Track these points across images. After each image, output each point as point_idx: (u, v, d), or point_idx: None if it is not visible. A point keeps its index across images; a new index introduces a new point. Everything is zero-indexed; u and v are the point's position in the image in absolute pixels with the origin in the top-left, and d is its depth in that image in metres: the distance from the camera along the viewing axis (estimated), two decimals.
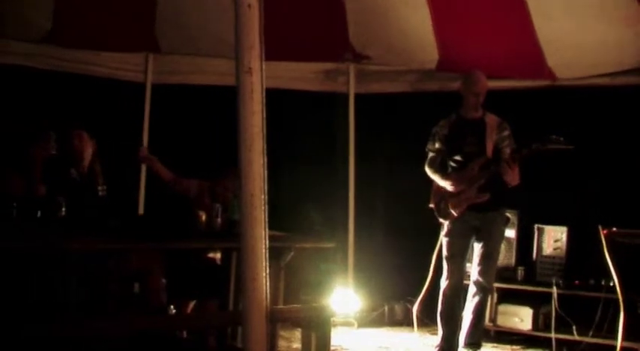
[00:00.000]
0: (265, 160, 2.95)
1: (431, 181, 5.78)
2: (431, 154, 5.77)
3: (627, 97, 6.43)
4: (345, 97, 7.48)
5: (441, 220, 5.72)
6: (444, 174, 5.68)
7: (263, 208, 2.94)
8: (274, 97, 3.19)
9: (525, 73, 6.76)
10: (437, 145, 5.73)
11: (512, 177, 5.43)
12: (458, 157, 5.63)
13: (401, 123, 7.33)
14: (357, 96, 7.49)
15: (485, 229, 5.62)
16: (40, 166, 5.22)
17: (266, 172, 2.95)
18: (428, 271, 6.20)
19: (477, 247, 5.66)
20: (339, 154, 7.44)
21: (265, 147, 2.96)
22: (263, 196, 2.94)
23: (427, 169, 5.76)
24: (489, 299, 6.19)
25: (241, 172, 2.96)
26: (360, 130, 7.47)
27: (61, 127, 5.79)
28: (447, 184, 5.62)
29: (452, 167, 5.68)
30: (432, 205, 5.77)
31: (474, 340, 5.67)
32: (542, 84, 6.73)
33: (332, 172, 7.45)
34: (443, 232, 5.75)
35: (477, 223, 5.60)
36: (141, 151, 5.95)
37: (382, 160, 7.45)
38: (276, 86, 6.63)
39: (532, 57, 6.50)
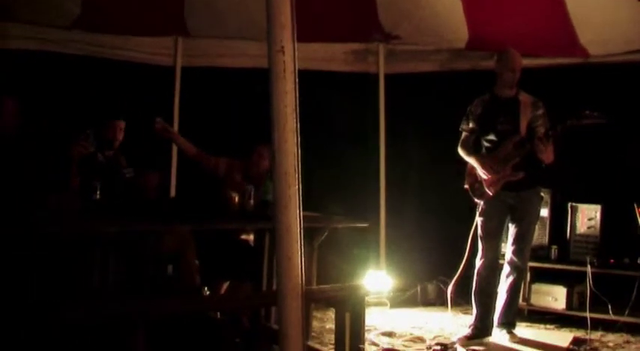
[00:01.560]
0: (298, 138, 2.94)
1: (464, 162, 5.73)
2: (464, 134, 5.73)
3: None
4: (376, 77, 7.46)
5: (477, 200, 5.67)
6: (479, 156, 5.62)
7: (297, 186, 2.94)
8: (306, 79, 3.18)
9: (557, 50, 6.71)
10: (470, 125, 5.69)
11: (547, 155, 5.36)
12: (491, 136, 5.58)
13: (432, 103, 7.28)
14: (388, 76, 7.46)
15: (520, 209, 5.57)
16: (76, 163, 5.27)
17: (299, 150, 2.94)
18: (460, 251, 6.15)
19: (512, 227, 5.62)
20: (371, 136, 7.43)
21: (298, 126, 2.95)
22: (297, 175, 2.93)
23: (460, 151, 5.72)
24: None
25: (275, 151, 2.95)
26: (391, 110, 7.45)
27: (95, 113, 5.86)
28: (481, 168, 5.56)
29: (485, 147, 5.64)
30: (466, 186, 5.72)
31: (508, 320, 5.65)
32: (574, 61, 6.68)
33: (363, 153, 7.43)
34: (478, 212, 5.71)
35: (512, 201, 5.55)
36: (157, 124, 5.79)
37: (413, 141, 7.41)
38: (308, 67, 6.62)
39: (564, 34, 6.45)
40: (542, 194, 5.87)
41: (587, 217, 6.43)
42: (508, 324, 5.64)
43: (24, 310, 4.03)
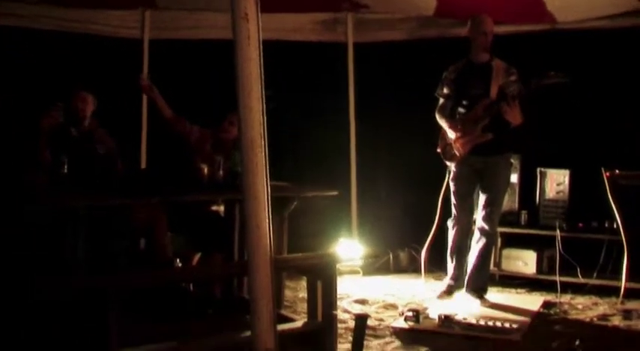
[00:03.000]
0: (264, 106, 2.94)
1: (439, 128, 5.82)
2: (441, 100, 5.83)
3: (627, 38, 6.40)
4: (345, 46, 7.44)
5: (447, 163, 5.79)
6: (451, 120, 5.72)
7: (264, 153, 2.94)
8: (276, 49, 3.17)
9: (525, 17, 6.71)
10: (445, 90, 5.79)
11: (513, 116, 5.44)
12: (465, 101, 5.66)
13: (402, 72, 7.29)
14: (357, 45, 7.45)
15: (488, 174, 5.66)
16: (45, 135, 5.24)
17: (265, 118, 2.94)
18: (431, 219, 6.22)
19: (481, 193, 5.71)
20: (341, 105, 7.43)
21: (263, 94, 2.95)
22: (263, 142, 2.94)
23: (437, 115, 5.81)
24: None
25: (240, 119, 2.95)
26: (361, 79, 7.45)
27: (63, 86, 5.80)
28: (453, 130, 5.67)
29: (460, 112, 5.70)
30: (438, 150, 5.82)
31: (479, 285, 5.72)
32: (542, 28, 6.70)
33: (335, 122, 7.43)
34: (450, 177, 5.81)
35: (481, 166, 5.64)
36: (142, 80, 5.75)
37: (384, 109, 7.41)
38: (275, 38, 6.63)
39: (531, 1, 6.45)
40: (511, 161, 5.92)
41: (556, 182, 6.49)
42: (479, 289, 5.71)
43: None
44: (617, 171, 6.07)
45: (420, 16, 7.16)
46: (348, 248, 6.93)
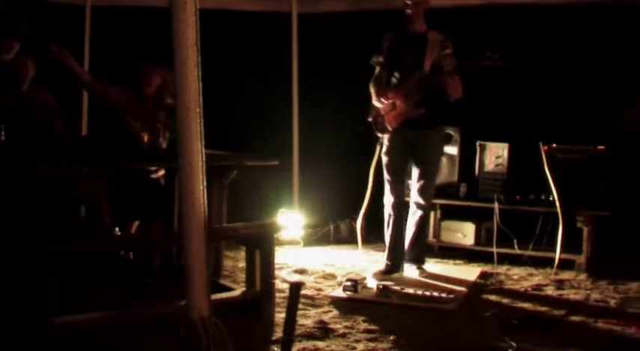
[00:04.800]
0: (200, 73, 2.92)
1: (371, 97, 5.75)
2: (377, 69, 5.75)
3: (566, 15, 6.49)
4: (289, 16, 7.42)
5: (379, 134, 5.74)
6: (380, 88, 5.67)
7: (199, 121, 2.93)
8: (219, 18, 3.14)
9: None
10: (379, 58, 5.72)
11: (455, 89, 5.40)
12: (397, 72, 5.62)
13: (345, 43, 7.28)
14: (301, 16, 7.43)
15: (421, 147, 5.65)
16: None
17: (201, 84, 2.93)
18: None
19: (415, 166, 5.71)
20: (284, 76, 7.41)
21: (200, 60, 2.93)
22: (199, 110, 2.92)
23: (370, 85, 5.75)
24: (431, 216, 6.33)
25: (177, 86, 2.93)
26: (304, 50, 7.44)
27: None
28: (380, 100, 5.63)
29: (393, 83, 5.66)
30: (370, 119, 5.74)
31: (416, 256, 5.79)
32: (480, 2, 6.75)
33: (278, 93, 7.43)
34: (382, 150, 5.77)
35: (414, 139, 5.62)
36: (52, 48, 5.50)
37: (327, 81, 7.40)
38: (217, 7, 6.56)
39: None
40: (450, 132, 5.98)
41: (495, 155, 6.56)
42: (417, 260, 5.79)
43: None
44: (554, 145, 6.19)
45: None
46: (289, 219, 6.95)
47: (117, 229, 5.39)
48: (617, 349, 4.21)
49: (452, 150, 6.67)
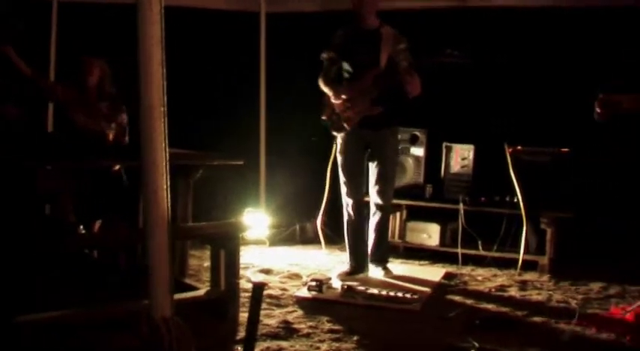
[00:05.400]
0: (164, 71, 2.91)
1: (323, 94, 5.66)
2: (325, 63, 5.66)
3: (532, 18, 6.55)
4: (257, 16, 7.41)
5: (334, 133, 5.65)
6: (335, 85, 5.58)
7: (163, 120, 2.92)
8: (186, 17, 3.13)
9: None
10: (331, 54, 5.63)
11: (414, 86, 5.31)
12: (350, 68, 5.53)
13: (313, 43, 7.27)
14: (269, 15, 7.43)
15: (377, 147, 5.62)
16: None
17: (165, 83, 2.92)
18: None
19: (372, 167, 5.67)
20: (253, 75, 7.40)
21: (164, 58, 2.92)
22: (163, 108, 2.91)
23: (319, 81, 5.64)
24: (397, 217, 6.36)
25: (140, 83, 2.92)
26: (272, 50, 7.42)
27: None
28: (335, 96, 5.54)
29: (345, 78, 5.58)
30: (324, 117, 5.64)
31: (380, 257, 5.80)
32: (451, 4, 6.79)
33: (246, 93, 7.41)
34: (338, 150, 5.72)
35: (370, 139, 5.58)
36: None
37: (295, 81, 7.39)
38: (183, 4, 6.55)
39: None
40: (416, 133, 5.99)
41: (461, 156, 6.60)
42: (381, 261, 5.80)
43: None
44: (519, 147, 6.24)
45: None
46: (255, 218, 6.94)
47: (81, 227, 5.35)
48: (577, 349, 4.26)
49: (418, 151, 6.70)
